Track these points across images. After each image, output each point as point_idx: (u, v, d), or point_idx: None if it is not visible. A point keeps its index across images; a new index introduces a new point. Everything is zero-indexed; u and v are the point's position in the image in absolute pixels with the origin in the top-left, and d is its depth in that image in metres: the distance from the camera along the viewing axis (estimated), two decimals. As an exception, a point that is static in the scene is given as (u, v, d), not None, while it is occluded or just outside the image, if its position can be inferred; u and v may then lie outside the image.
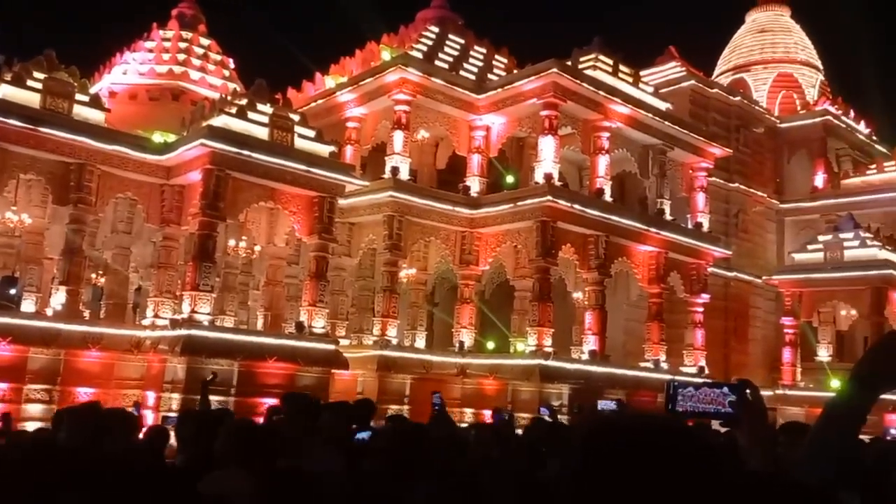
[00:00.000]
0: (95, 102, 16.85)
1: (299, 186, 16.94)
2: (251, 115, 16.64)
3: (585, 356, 19.65)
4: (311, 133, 17.48)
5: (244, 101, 17.01)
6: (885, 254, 24.95)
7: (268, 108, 17.05)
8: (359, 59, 22.82)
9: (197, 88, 21.99)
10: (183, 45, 22.92)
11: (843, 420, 1.79)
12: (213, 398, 14.32)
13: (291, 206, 17.07)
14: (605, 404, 5.67)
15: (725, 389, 2.09)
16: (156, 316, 16.65)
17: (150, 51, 22.78)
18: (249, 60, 26.23)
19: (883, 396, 1.82)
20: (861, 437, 1.94)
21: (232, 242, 17.76)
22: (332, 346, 17.11)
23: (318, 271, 17.18)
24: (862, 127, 32.78)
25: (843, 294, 25.42)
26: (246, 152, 16.02)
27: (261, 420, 7.55)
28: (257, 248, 18.44)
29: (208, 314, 15.67)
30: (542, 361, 18.31)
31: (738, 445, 1.99)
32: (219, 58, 23.46)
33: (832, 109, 31.15)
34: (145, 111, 21.21)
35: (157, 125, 18.68)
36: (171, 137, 17.40)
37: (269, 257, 18.73)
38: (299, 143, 17.04)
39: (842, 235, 25.57)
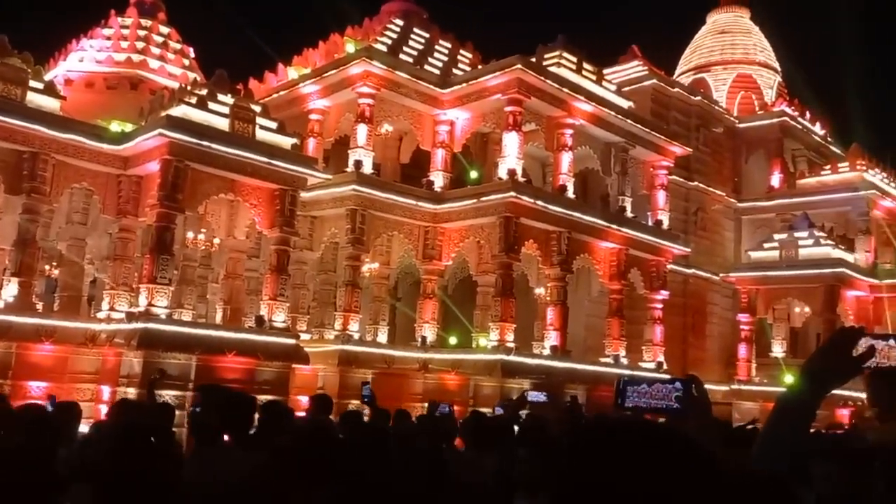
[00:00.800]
0: (50, 90, 16.42)
1: (260, 178, 16.73)
2: (211, 105, 16.36)
3: (547, 351, 19.79)
4: (273, 125, 17.27)
5: (204, 91, 16.71)
6: (837, 253, 25.61)
7: (228, 99, 16.79)
8: (322, 51, 22.62)
9: (156, 77, 21.56)
10: (142, 32, 22.45)
11: (795, 415, 1.82)
12: (169, 393, 14.19)
13: (252, 198, 16.86)
14: (534, 395, 5.71)
15: (677, 384, 2.11)
16: (111, 309, 16.33)
17: (108, 38, 22.27)
18: (210, 50, 25.89)
19: (834, 392, 1.85)
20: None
21: (191, 235, 17.48)
22: (292, 341, 16.96)
23: (279, 265, 17.00)
24: (817, 128, 33.55)
25: (797, 291, 26.04)
26: (206, 143, 15.76)
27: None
28: (217, 240, 18.17)
29: (166, 307, 15.40)
30: (504, 356, 18.39)
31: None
32: (179, 46, 23.04)
33: (789, 111, 31.81)
34: (102, 100, 20.74)
35: (114, 114, 18.28)
36: (129, 127, 17.04)
37: (229, 250, 18.49)
38: (261, 135, 16.81)
39: (797, 234, 26.17)
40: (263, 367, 16.09)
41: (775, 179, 30.59)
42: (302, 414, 7.19)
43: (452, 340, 21.47)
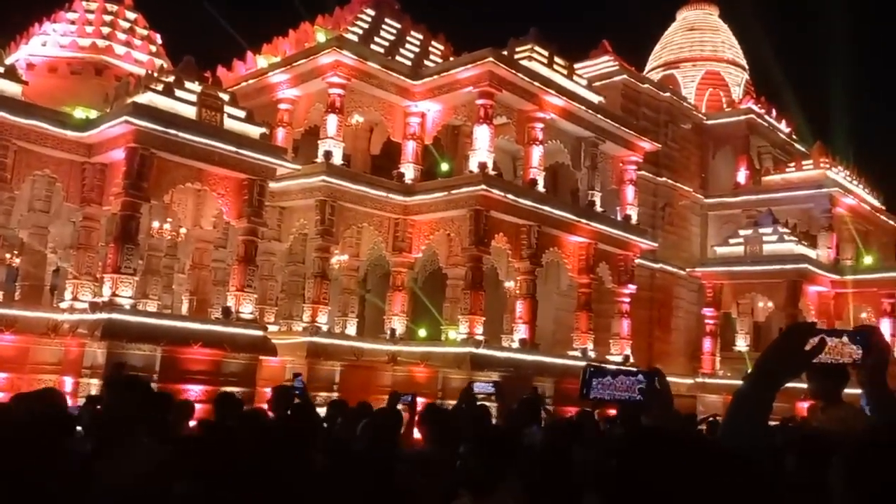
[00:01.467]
0: (11, 74, 16.02)
1: (228, 168, 16.51)
2: (178, 93, 16.10)
3: (516, 344, 19.87)
4: (242, 113, 17.05)
5: (171, 79, 16.44)
6: (800, 249, 26.09)
7: (196, 87, 16.53)
8: (292, 40, 22.38)
9: (122, 64, 21.14)
10: (108, 17, 21.97)
11: (751, 408, 1.85)
12: (134, 384, 13.97)
13: (220, 188, 16.64)
14: (481, 387, 5.68)
15: (640, 377, 2.13)
16: (74, 299, 16.01)
17: (73, 22, 21.76)
18: (178, 37, 25.43)
19: (796, 385, 1.89)
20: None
21: (156, 224, 17.22)
22: (259, 333, 16.80)
23: (247, 256, 16.81)
24: (783, 126, 34.10)
25: (760, 286, 26.47)
26: (172, 131, 15.50)
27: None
28: (183, 230, 17.92)
29: (130, 298, 15.15)
30: (473, 349, 18.43)
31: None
32: (145, 32, 22.60)
33: (756, 108, 32.28)
34: (66, 85, 20.28)
35: (78, 100, 17.90)
36: (94, 114, 16.70)
37: (196, 240, 18.25)
38: (229, 124, 16.59)
39: (761, 230, 26.59)
40: (230, 358, 15.92)
41: (741, 176, 31.05)
42: (264, 406, 7.08)
43: (422, 333, 21.47)
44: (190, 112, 16.06)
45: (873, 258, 29.21)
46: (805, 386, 3.31)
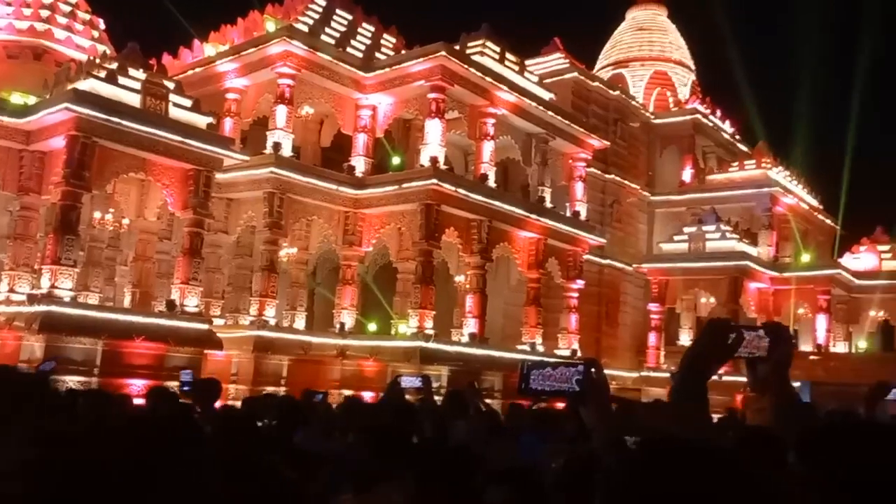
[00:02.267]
0: (-58, 56, 15.35)
1: (173, 158, 16.15)
2: (122, 80, 15.68)
3: (465, 339, 19.94)
4: (188, 102, 16.69)
5: (115, 65, 15.98)
6: (741, 246, 26.81)
7: (140, 74, 16.11)
8: (241, 28, 21.96)
9: (62, 48, 20.41)
10: (47, 0, 21.22)
11: (687, 401, 1.92)
12: (73, 378, 13.58)
13: (164, 178, 16.26)
14: (408, 381, 5.52)
15: (580, 368, 2.14)
16: (11, 290, 15.51)
17: (9, 4, 20.90)
18: (122, 22, 24.68)
19: (738, 378, 1.95)
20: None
21: (98, 214, 16.78)
22: (204, 326, 16.50)
23: (192, 248, 16.48)
24: (727, 126, 34.93)
25: (704, 282, 27.13)
26: (115, 119, 15.08)
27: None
28: (126, 221, 17.50)
29: (70, 290, 14.71)
30: (423, 343, 18.43)
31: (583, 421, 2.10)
32: (87, 17, 21.87)
33: (701, 108, 32.99)
34: (3, 70, 19.49)
35: (15, 85, 17.25)
36: (32, 100, 16.14)
37: (139, 231, 17.83)
38: (174, 113, 16.22)
39: (705, 228, 27.24)
40: (174, 352, 15.60)
41: (686, 174, 31.71)
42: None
43: (371, 327, 21.39)
44: (134, 100, 15.66)
45: (810, 256, 30.21)
46: (743, 379, 3.42)
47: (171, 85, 16.70)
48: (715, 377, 2.02)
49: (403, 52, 21.76)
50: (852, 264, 29.16)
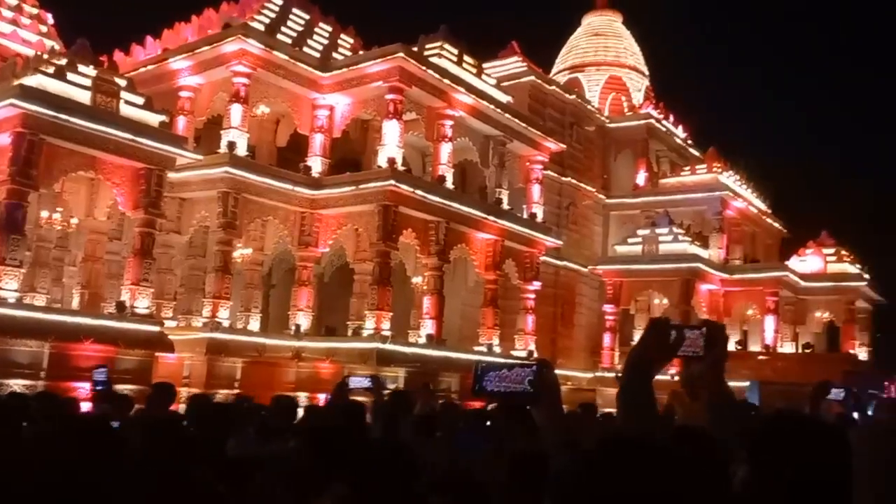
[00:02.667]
0: None
1: (124, 156, 15.80)
2: (71, 76, 15.29)
3: (422, 340, 19.92)
4: (140, 100, 16.35)
5: (64, 61, 15.59)
6: (693, 248, 27.36)
7: (91, 71, 15.74)
8: (195, 26, 21.60)
9: (8, 43, 19.80)
10: (-8, -7, 20.57)
11: (634, 400, 1.97)
12: (18, 382, 13.18)
13: (115, 177, 15.90)
14: (356, 382, 5.43)
15: (533, 369, 2.15)
16: (-49, 292, 14.93)
17: (-48, -4, 20.25)
18: (71, 17, 24.03)
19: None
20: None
21: (45, 214, 16.33)
22: (155, 328, 16.18)
23: (143, 248, 16.14)
24: (679, 131, 35.60)
25: (657, 284, 27.60)
26: (64, 116, 14.70)
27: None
28: (74, 220, 17.06)
29: (15, 291, 14.28)
30: (380, 345, 18.36)
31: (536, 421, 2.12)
32: (35, 11, 21.27)
33: (654, 113, 33.56)
34: (-56, 63, 18.86)
35: (-43, 80, 16.66)
36: (-25, 95, 15.60)
37: (88, 231, 17.38)
38: (125, 110, 15.88)
39: (658, 230, 27.71)
40: (124, 355, 15.26)
41: (640, 178, 32.22)
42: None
43: (328, 329, 21.20)
44: (83, 97, 15.29)
45: (759, 259, 30.97)
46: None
47: (122, 82, 16.35)
48: (661, 376, 2.07)
49: (361, 52, 21.67)
50: (799, 267, 29.99)
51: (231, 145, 18.43)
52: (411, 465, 2.67)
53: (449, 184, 20.73)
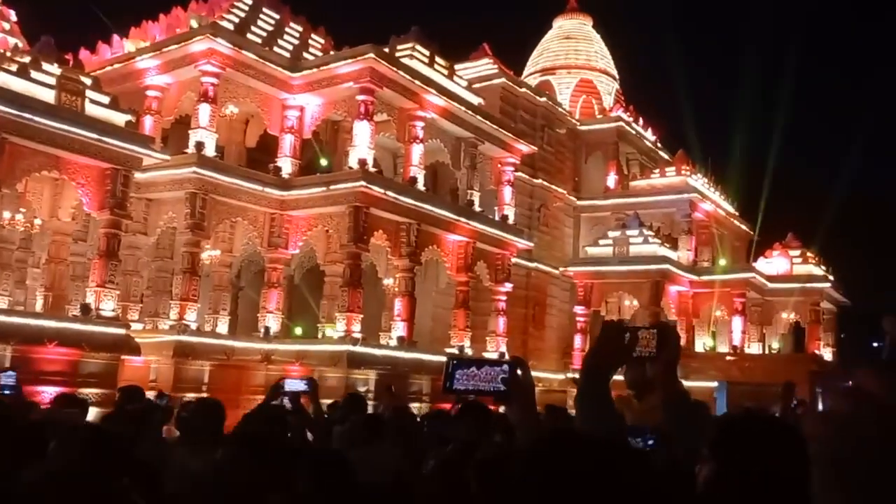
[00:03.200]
0: None
1: (89, 156, 15.52)
2: (35, 74, 14.98)
3: (394, 342, 19.84)
4: (105, 99, 16.08)
5: (27, 59, 15.27)
6: (663, 250, 27.63)
7: (55, 69, 15.43)
8: (163, 25, 21.31)
9: (-31, 40, 19.40)
10: (-48, -12, 20.12)
11: (592, 403, 1.98)
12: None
13: (80, 177, 15.61)
14: (292, 384, 5.28)
15: (505, 367, 2.14)
16: None
17: (-90, -9, 19.76)
18: (36, 15, 23.57)
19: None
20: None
21: (8, 214, 15.97)
22: (121, 331, 15.91)
23: (109, 249, 15.86)
24: (649, 134, 35.96)
25: (627, 286, 27.83)
26: (27, 115, 14.38)
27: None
28: (38, 221, 16.71)
29: (-25, 294, 13.94)
30: (351, 347, 18.25)
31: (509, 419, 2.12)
32: (-2, 7, 20.85)
33: (624, 116, 33.86)
34: None
35: (-85, 77, 16.24)
36: (-66, 92, 15.21)
37: (53, 232, 17.03)
38: (91, 110, 15.60)
39: (628, 232, 27.95)
40: (89, 358, 14.98)
41: (611, 180, 32.47)
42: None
43: (298, 331, 21.05)
44: (48, 96, 14.99)
45: (727, 260, 31.38)
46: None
47: (87, 81, 16.06)
48: (617, 376, 2.07)
49: (332, 52, 21.55)
50: (765, 268, 30.44)
51: (199, 145, 18.20)
52: (342, 474, 2.62)
53: (420, 185, 20.69)
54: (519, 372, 2.12)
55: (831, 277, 30.75)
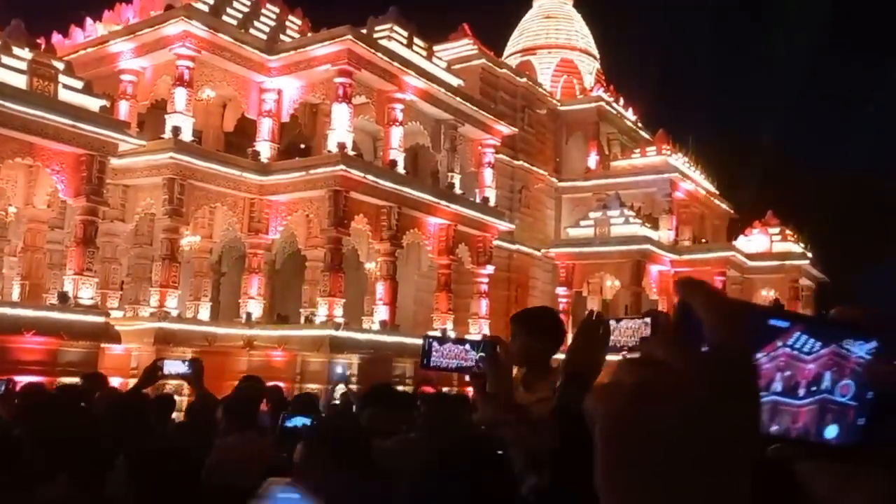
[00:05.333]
0: None
1: (64, 142, 15.29)
2: (6, 59, 14.72)
3: (376, 326, 19.84)
4: (79, 84, 15.82)
5: (-3, 43, 14.97)
6: (644, 230, 27.74)
7: (26, 54, 15.16)
8: (137, 7, 20.95)
9: (-64, 24, 18.99)
10: (-82, -29, 19.64)
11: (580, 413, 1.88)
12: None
13: (54, 163, 15.39)
14: (172, 365, 4.84)
15: (483, 345, 2.13)
16: None
17: None
18: (5, -2, 23.08)
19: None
20: None
21: (-19, 203, 15.70)
22: (100, 319, 15.78)
23: (86, 237, 15.68)
24: (630, 114, 35.99)
25: (608, 266, 27.95)
26: (-1, 101, 14.14)
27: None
28: (13, 209, 16.49)
29: (-51, 284, 13.74)
30: (333, 332, 18.22)
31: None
32: (-35, -9, 20.41)
33: (605, 96, 33.84)
34: None
35: None
36: None
37: (28, 220, 16.80)
38: (64, 95, 15.35)
39: (609, 213, 28.02)
40: (67, 347, 14.85)
41: (592, 161, 32.51)
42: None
43: (280, 316, 20.98)
44: (19, 81, 14.73)
45: (707, 239, 31.59)
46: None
47: (60, 65, 15.79)
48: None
49: (309, 34, 21.31)
50: (745, 246, 30.69)
51: (176, 130, 17.98)
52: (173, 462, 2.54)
53: (400, 168, 20.60)
54: (498, 349, 2.08)
55: (809, 254, 31.07)
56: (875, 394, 0.53)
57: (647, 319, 2.17)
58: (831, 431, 0.55)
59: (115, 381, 11.85)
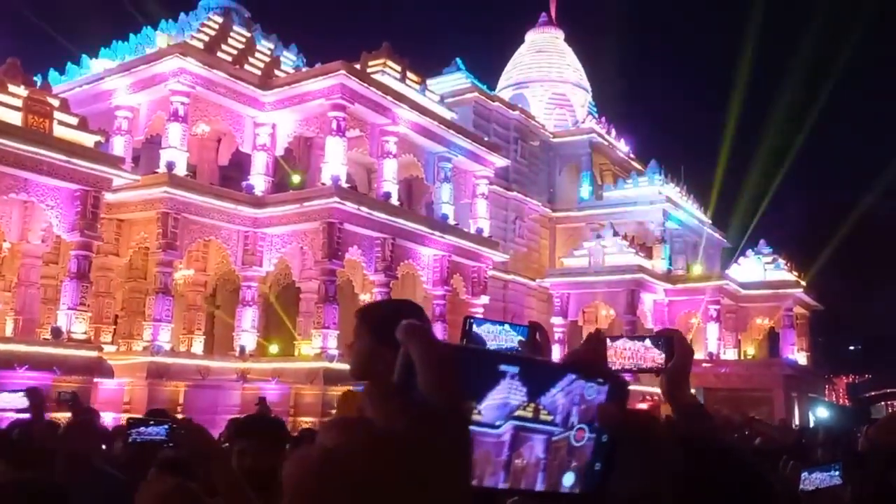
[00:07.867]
0: None
1: (58, 178, 15.40)
2: (1, 97, 14.89)
3: (370, 357, 19.74)
4: (74, 120, 15.99)
5: (-7, 81, 15.14)
6: (637, 259, 27.86)
7: (22, 91, 15.33)
8: (132, 44, 21.25)
9: (-66, 62, 19.20)
10: (-83, 10, 19.96)
11: None
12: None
13: (49, 199, 15.48)
14: (6, 398, 4.37)
15: (523, 330, 2.15)
16: None
17: None
18: (3, 37, 23.45)
19: (635, 387, 1.99)
20: None
21: (-25, 239, 15.74)
22: (94, 353, 15.74)
23: (80, 271, 15.72)
24: (622, 145, 36.35)
25: (603, 295, 28.01)
26: (-7, 137, 14.26)
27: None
28: (7, 244, 16.53)
29: (-58, 319, 13.73)
30: (327, 364, 18.17)
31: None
32: (-37, 29, 20.70)
33: (597, 128, 34.22)
34: None
35: None
36: None
37: (22, 255, 16.85)
38: (59, 131, 15.50)
39: (603, 243, 28.16)
40: (61, 382, 14.75)
41: (585, 191, 32.73)
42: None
43: (274, 349, 20.93)
44: (14, 118, 14.88)
45: (701, 268, 31.70)
46: (644, 388, 3.37)
47: (55, 102, 15.96)
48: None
49: (304, 69, 21.58)
50: (739, 275, 30.80)
51: (170, 165, 18.11)
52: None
53: (394, 200, 20.72)
54: (538, 336, 2.10)
55: (803, 283, 31.18)
56: (609, 438, 0.55)
57: (648, 342, 2.03)
58: (568, 479, 0.56)
59: (107, 417, 11.81)
